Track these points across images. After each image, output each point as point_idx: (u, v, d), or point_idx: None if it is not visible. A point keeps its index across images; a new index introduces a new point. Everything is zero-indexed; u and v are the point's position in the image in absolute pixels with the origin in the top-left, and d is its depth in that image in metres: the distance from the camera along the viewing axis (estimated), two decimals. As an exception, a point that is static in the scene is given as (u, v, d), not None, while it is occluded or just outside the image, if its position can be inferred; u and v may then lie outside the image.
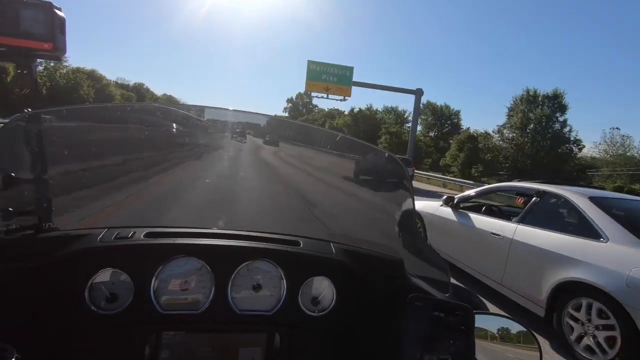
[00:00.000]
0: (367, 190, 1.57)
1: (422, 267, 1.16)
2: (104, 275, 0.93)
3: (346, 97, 27.57)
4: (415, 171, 25.41)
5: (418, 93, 28.32)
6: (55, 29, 0.90)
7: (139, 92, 79.15)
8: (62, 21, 0.92)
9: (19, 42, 0.88)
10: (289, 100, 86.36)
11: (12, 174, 0.95)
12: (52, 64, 48.90)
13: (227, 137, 1.49)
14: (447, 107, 52.48)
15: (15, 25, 0.86)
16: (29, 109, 0.94)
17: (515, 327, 0.95)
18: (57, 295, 0.91)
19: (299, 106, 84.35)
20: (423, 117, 53.52)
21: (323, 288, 1.04)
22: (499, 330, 0.94)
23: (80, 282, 0.91)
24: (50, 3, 0.89)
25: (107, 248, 0.95)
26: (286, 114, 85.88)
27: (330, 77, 26.97)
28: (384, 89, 29.61)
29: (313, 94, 27.50)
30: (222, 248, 1.00)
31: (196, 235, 1.04)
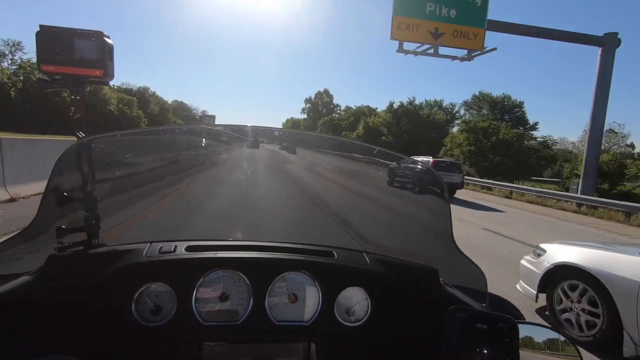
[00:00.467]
0: (399, 199, 1.58)
1: (458, 277, 1.17)
2: (149, 288, 0.97)
3: (475, 51, 14.49)
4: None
5: (609, 42, 15.28)
6: (105, 57, 0.96)
7: (143, 96, 74.80)
8: (110, 48, 0.98)
9: (73, 71, 0.94)
10: (307, 100, 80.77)
11: (65, 194, 1.01)
12: (25, 60, 43.50)
13: (250, 151, 1.54)
14: (508, 97, 43.96)
15: (71, 55, 0.92)
16: (81, 133, 1.01)
17: (555, 337, 0.95)
18: (107, 308, 0.96)
19: (318, 106, 78.32)
20: (473, 111, 45.17)
21: (358, 298, 1.06)
22: (539, 340, 0.95)
23: (128, 295, 0.96)
24: (101, 32, 0.95)
25: (152, 262, 0.99)
26: (304, 116, 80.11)
27: (444, 8, 13.63)
28: (547, 37, 16.24)
29: (407, 45, 14.13)
30: (259, 260, 1.03)
31: (233, 247, 1.08)
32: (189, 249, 1.05)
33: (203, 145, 1.37)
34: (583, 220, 12.79)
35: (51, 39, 0.90)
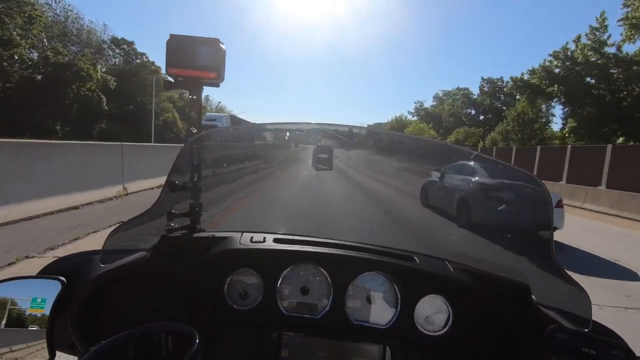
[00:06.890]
0: (491, 207, 1.49)
1: (555, 297, 1.06)
2: (240, 274, 1.05)
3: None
4: None
5: None
6: (220, 61, 1.07)
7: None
8: (224, 54, 1.09)
9: (193, 73, 1.06)
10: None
11: (177, 183, 1.14)
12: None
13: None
14: None
15: (192, 60, 1.05)
16: (194, 129, 1.14)
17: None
18: (205, 288, 1.06)
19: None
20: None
21: (439, 307, 1.03)
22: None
23: (222, 279, 1.04)
24: (218, 40, 1.07)
25: (245, 250, 1.07)
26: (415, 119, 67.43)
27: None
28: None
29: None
30: (341, 257, 1.05)
31: (317, 244, 1.11)
32: (277, 241, 1.11)
33: (292, 145, 1.45)
34: None
35: (178, 46, 1.04)
